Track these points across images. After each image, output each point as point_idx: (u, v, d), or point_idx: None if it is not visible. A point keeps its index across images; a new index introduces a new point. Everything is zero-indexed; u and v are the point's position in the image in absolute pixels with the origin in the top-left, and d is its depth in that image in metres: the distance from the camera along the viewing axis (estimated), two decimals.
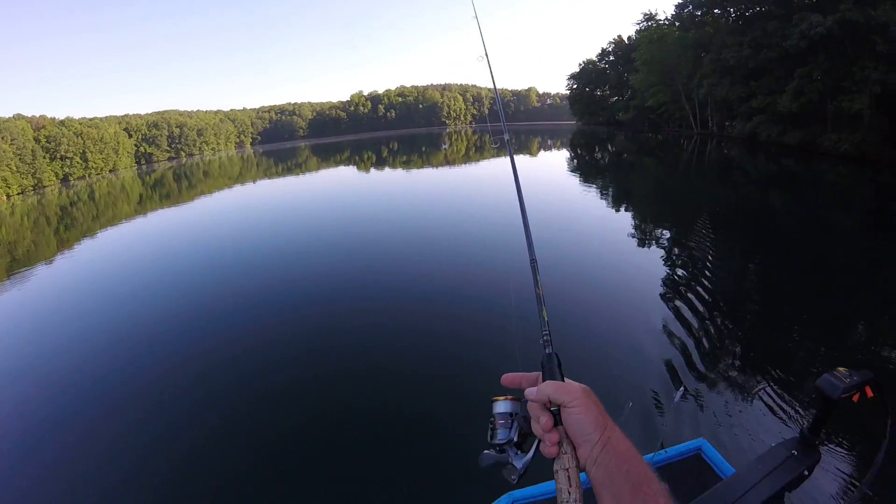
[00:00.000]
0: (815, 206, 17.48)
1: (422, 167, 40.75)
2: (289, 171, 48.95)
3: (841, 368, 2.47)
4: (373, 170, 41.89)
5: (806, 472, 2.52)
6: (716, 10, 42.29)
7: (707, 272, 10.23)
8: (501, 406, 1.05)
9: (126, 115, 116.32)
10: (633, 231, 14.22)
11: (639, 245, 12.84)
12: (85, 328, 9.83)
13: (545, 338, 1.11)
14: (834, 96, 28.19)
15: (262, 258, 13.76)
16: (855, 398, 2.41)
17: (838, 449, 4.67)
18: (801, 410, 5.25)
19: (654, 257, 11.40)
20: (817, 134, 30.74)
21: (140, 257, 15.96)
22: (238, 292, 10.92)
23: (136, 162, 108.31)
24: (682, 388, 5.53)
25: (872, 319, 7.92)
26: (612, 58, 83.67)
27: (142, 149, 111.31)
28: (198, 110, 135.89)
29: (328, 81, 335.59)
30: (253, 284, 11.38)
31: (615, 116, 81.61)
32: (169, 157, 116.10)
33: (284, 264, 12.89)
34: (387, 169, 42.08)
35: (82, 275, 14.81)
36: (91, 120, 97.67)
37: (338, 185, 33.44)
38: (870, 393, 2.44)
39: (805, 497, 3.37)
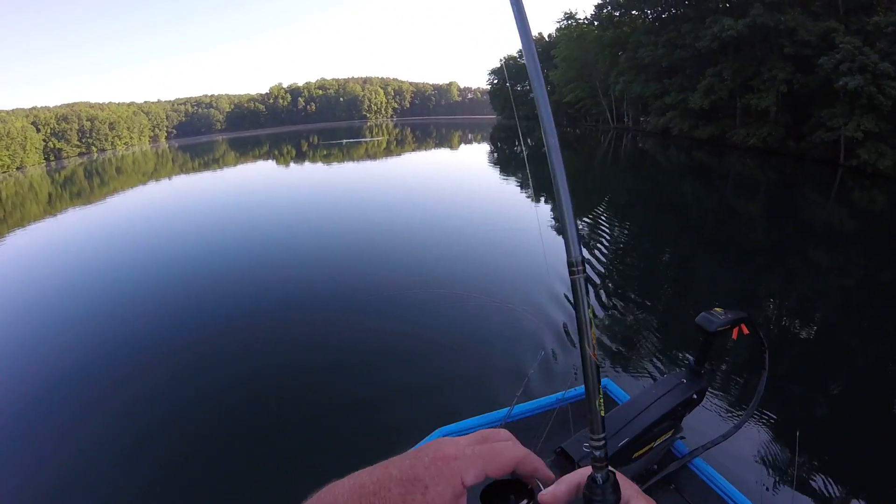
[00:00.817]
0: (724, 193, 18.92)
1: (343, 161, 40.19)
2: (206, 166, 46.67)
3: (717, 308, 2.78)
4: (293, 164, 40.92)
5: (695, 396, 2.80)
6: (633, 11, 44.21)
7: (621, 249, 11.63)
8: None
9: (34, 108, 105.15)
10: (551, 218, 14.79)
11: (557, 230, 13.42)
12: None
13: (597, 451, 0.64)
14: (743, 94, 30.30)
15: (194, 258, 13.04)
16: (734, 335, 2.74)
17: (729, 381, 5.68)
18: (690, 350, 6.05)
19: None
20: (727, 128, 32.99)
21: (49, 262, 14.73)
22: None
23: (45, 158, 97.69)
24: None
25: (770, 287, 9.33)
26: None
27: (51, 144, 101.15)
28: (110, 102, 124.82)
29: (247, 73, 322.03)
30: (173, 280, 11.03)
31: (534, 111, 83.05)
32: (80, 152, 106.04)
33: (218, 264, 12.33)
34: (307, 163, 41.27)
35: None
36: None
37: (255, 180, 32.51)
38: (745, 330, 2.77)
39: (699, 421, 3.78)
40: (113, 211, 25.00)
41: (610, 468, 0.61)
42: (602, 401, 0.67)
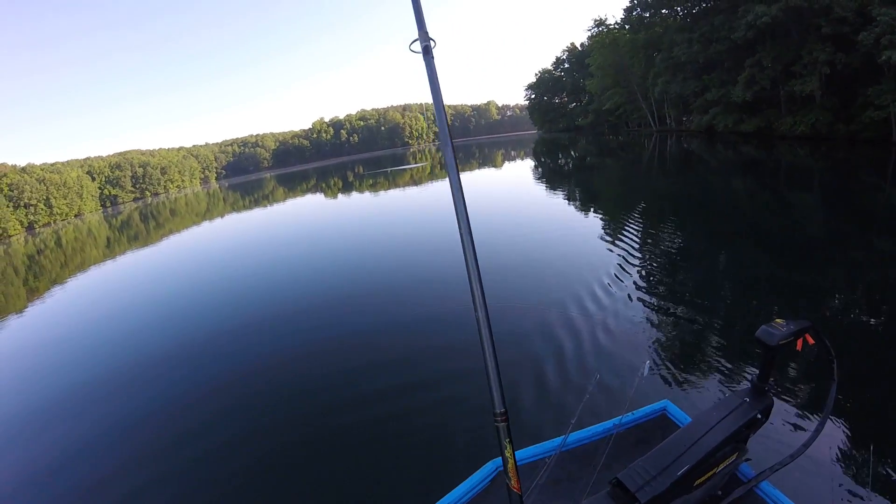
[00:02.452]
0: (777, 187, 18.10)
1: (389, 188, 40.56)
2: (256, 203, 48.12)
3: (778, 320, 2.62)
4: (340, 195, 41.66)
5: (759, 416, 2.66)
6: (663, 11, 43.64)
7: (673, 258, 10.90)
8: None
9: (88, 158, 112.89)
10: (602, 229, 14.42)
11: (607, 241, 13.01)
12: (63, 373, 9.56)
13: None
14: (785, 81, 29.25)
15: (249, 287, 13.66)
16: (798, 346, 2.60)
17: (795, 395, 5.18)
18: (752, 364, 5.79)
19: (621, 251, 11.65)
20: (773, 119, 31.86)
21: (112, 300, 15.59)
22: (222, 327, 10.76)
23: (102, 205, 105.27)
24: (648, 362, 5.89)
25: (834, 285, 8.47)
26: (566, 65, 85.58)
27: (106, 191, 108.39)
28: (160, 148, 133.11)
29: (289, 111, 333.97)
30: (239, 314, 11.26)
31: (575, 122, 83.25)
32: (134, 197, 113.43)
33: (274, 292, 12.82)
34: (354, 193, 41.94)
35: (55, 322, 14.36)
36: (53, 165, 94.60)
37: (306, 212, 33.11)
38: (810, 340, 2.61)
39: (765, 441, 3.66)
40: (172, 248, 26.28)
41: None
42: None
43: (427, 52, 2.05)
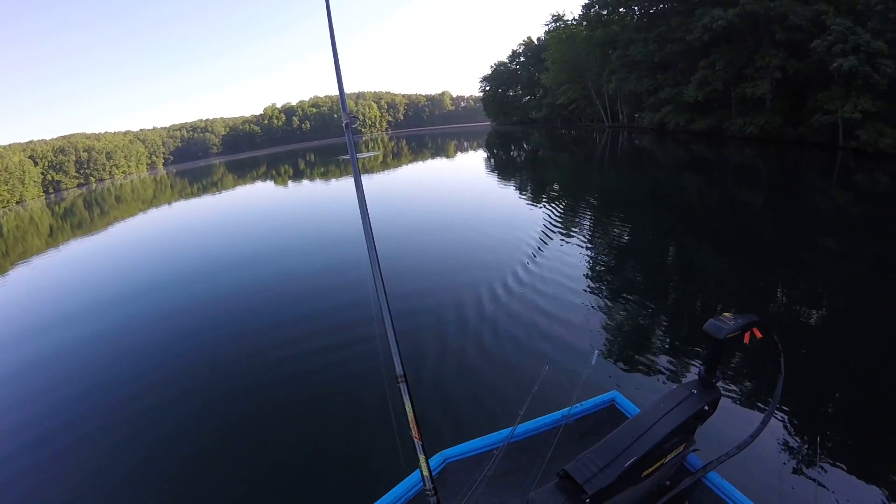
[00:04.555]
0: (725, 185, 18.74)
1: (340, 177, 39.98)
2: (205, 190, 46.68)
3: (726, 314, 2.66)
4: (291, 183, 40.85)
5: (707, 408, 2.69)
6: (621, 9, 44.43)
7: (623, 251, 11.28)
8: None
9: (31, 142, 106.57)
10: (551, 219, 14.54)
11: (558, 231, 13.19)
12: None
13: None
14: (737, 84, 30.25)
15: (187, 277, 13.39)
16: (746, 339, 2.63)
17: (742, 387, 5.37)
18: (700, 357, 5.91)
19: (572, 242, 11.92)
20: (723, 119, 33.03)
21: (53, 291, 14.91)
22: (160, 314, 10.52)
23: (45, 191, 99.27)
24: (596, 351, 6.08)
25: (780, 281, 8.88)
26: (522, 58, 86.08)
27: (49, 176, 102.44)
28: (106, 132, 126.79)
29: (240, 95, 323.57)
30: (172, 304, 11.09)
31: (529, 115, 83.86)
32: (78, 183, 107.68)
33: (213, 280, 12.59)
34: (305, 181, 41.17)
35: None
36: None
37: (254, 201, 32.63)
38: (758, 334, 2.66)
39: (715, 431, 3.65)
40: (115, 237, 25.30)
41: None
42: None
43: (348, 128, 2.79)
